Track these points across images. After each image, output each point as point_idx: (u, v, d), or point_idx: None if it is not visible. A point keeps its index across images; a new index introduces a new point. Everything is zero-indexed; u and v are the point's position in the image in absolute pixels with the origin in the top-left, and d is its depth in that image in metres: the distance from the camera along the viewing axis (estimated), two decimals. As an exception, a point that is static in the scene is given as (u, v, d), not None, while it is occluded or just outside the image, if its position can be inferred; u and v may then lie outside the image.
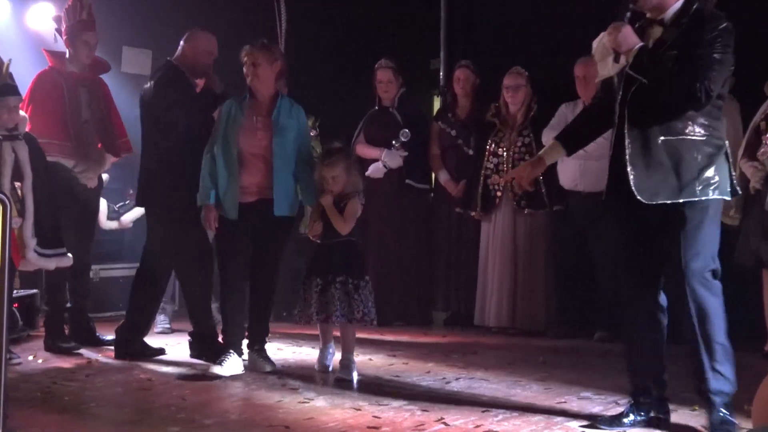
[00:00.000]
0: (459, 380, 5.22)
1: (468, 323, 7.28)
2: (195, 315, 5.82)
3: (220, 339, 5.63)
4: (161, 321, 6.99)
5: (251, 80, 5.42)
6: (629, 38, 4.03)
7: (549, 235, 7.09)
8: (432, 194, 7.66)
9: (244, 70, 5.44)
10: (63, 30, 6.18)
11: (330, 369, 5.40)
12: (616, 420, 4.20)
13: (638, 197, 4.03)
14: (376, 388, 4.98)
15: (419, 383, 5.15)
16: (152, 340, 6.46)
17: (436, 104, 8.60)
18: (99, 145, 6.28)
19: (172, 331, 6.94)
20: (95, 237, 6.66)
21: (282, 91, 5.65)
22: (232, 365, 5.27)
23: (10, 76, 5.56)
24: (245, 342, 5.50)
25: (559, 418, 4.32)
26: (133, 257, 7.77)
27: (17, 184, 5.36)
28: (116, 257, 7.93)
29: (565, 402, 4.67)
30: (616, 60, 4.08)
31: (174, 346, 6.31)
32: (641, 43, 4.03)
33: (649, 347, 4.33)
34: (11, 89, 5.54)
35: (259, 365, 5.40)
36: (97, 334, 6.39)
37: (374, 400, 4.60)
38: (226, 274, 5.51)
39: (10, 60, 5.57)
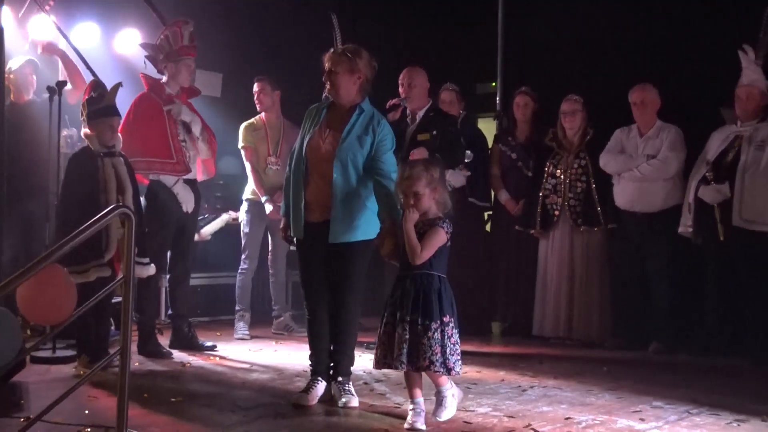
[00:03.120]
0: (534, 388, 5.23)
1: (526, 334, 7.30)
2: None
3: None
4: (241, 328, 7.05)
5: (327, 89, 4.84)
6: None
7: (604, 251, 7.10)
8: (492, 212, 7.68)
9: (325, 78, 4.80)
10: (163, 56, 6.25)
11: (423, 429, 4.20)
12: None
13: None
14: None
15: (497, 391, 5.15)
16: (231, 347, 6.57)
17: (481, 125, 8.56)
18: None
19: (250, 337, 7.00)
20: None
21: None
22: (316, 393, 4.74)
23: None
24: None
25: (640, 426, 4.33)
26: (210, 268, 7.93)
27: (119, 196, 5.46)
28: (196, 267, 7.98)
29: (640, 411, 4.65)
30: None
31: (256, 352, 6.40)
32: None
33: None
34: (115, 110, 5.65)
35: (337, 397, 4.71)
36: (199, 339, 6.48)
37: (460, 406, 4.60)
38: (305, 295, 4.93)
39: (120, 83, 5.67)
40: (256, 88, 7.29)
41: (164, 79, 6.30)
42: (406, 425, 4.24)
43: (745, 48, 6.30)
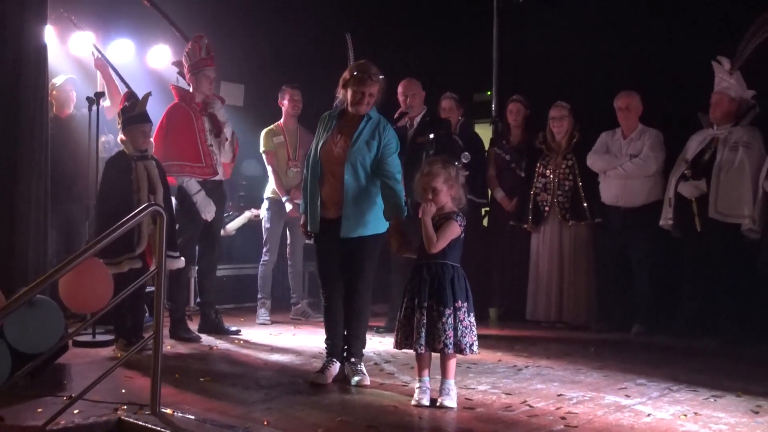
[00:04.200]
0: (528, 368, 5.17)
1: (520, 318, 7.23)
2: None
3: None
4: (262, 314, 7.01)
5: (360, 109, 4.66)
6: None
7: (591, 243, 7.03)
8: (489, 209, 7.61)
9: (352, 96, 4.65)
10: (186, 69, 6.22)
11: (427, 404, 4.18)
12: None
13: None
14: (458, 373, 4.83)
15: (495, 370, 5.10)
16: (254, 331, 6.52)
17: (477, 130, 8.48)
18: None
19: (271, 323, 6.95)
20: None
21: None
22: (331, 372, 4.70)
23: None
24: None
25: (626, 402, 4.27)
26: (234, 260, 7.90)
27: (150, 196, 5.42)
28: (222, 259, 7.94)
29: (625, 388, 4.60)
30: None
31: (276, 336, 6.35)
32: None
33: None
34: (146, 117, 5.61)
35: (350, 377, 4.66)
36: (225, 325, 6.42)
37: (461, 384, 4.55)
38: (321, 284, 4.87)
39: (149, 93, 5.63)
40: (287, 94, 7.21)
41: (191, 89, 6.25)
42: (413, 401, 4.21)
43: (720, 59, 6.25)
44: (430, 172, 4.27)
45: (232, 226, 7.67)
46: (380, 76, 4.73)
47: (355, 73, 4.68)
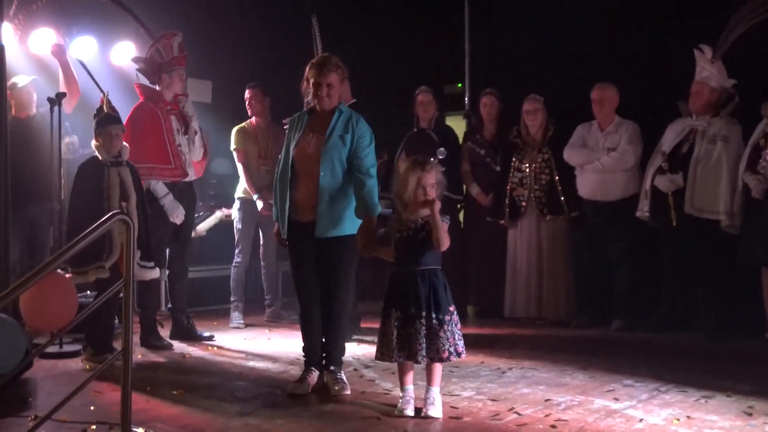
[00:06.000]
0: (512, 370, 4.99)
1: (498, 315, 7.06)
2: None
3: None
4: (236, 318, 6.78)
5: (322, 101, 4.47)
6: None
7: (568, 237, 6.89)
8: (464, 204, 7.43)
9: (312, 89, 4.47)
10: (156, 67, 5.94)
11: (412, 414, 3.98)
12: None
13: None
14: (441, 378, 4.64)
15: (478, 374, 4.91)
16: (228, 336, 6.29)
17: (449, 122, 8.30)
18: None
19: (245, 326, 6.72)
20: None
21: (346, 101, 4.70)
22: (310, 382, 4.50)
23: (112, 107, 5.37)
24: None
25: (616, 406, 4.10)
26: (205, 261, 7.66)
27: (123, 203, 5.18)
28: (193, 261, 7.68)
29: (613, 390, 4.43)
30: None
31: (251, 341, 6.13)
32: None
33: None
34: (112, 119, 5.35)
35: (330, 386, 4.43)
36: (198, 330, 6.19)
37: (445, 390, 4.35)
38: (297, 290, 4.64)
39: (107, 92, 5.37)
40: (247, 94, 6.99)
41: (158, 88, 5.98)
42: (396, 411, 4.00)
43: (702, 47, 6.09)
44: (430, 169, 4.01)
45: (203, 226, 7.42)
46: (339, 67, 4.51)
47: (313, 65, 4.51)
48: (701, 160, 6.02)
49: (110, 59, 7.46)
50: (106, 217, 3.66)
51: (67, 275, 4.96)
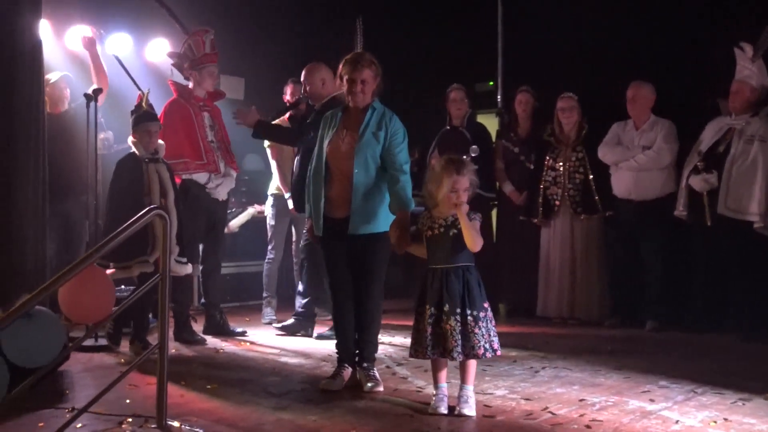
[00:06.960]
0: (545, 369, 4.96)
1: (530, 314, 7.03)
2: None
3: None
4: (268, 313, 6.80)
5: (356, 97, 4.46)
6: None
7: (602, 237, 6.84)
8: (497, 203, 7.39)
9: (347, 86, 4.48)
10: (188, 63, 5.98)
11: (445, 412, 3.96)
12: None
13: None
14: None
15: (511, 372, 4.88)
16: (260, 331, 6.32)
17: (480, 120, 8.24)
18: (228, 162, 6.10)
19: (278, 321, 6.72)
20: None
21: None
22: (343, 378, 4.52)
23: (150, 105, 5.41)
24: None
25: (651, 407, 4.05)
26: (238, 257, 7.68)
27: (162, 200, 5.23)
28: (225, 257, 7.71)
29: (648, 391, 4.38)
30: None
31: (283, 337, 6.14)
32: None
33: None
34: (150, 116, 5.40)
35: (363, 383, 4.45)
36: (230, 326, 6.21)
37: (478, 388, 4.33)
38: (330, 287, 4.73)
39: (149, 90, 5.41)
40: (289, 89, 6.99)
41: (191, 85, 6.02)
42: (430, 409, 3.99)
43: (743, 45, 6.00)
44: (466, 173, 3.98)
45: (236, 223, 7.47)
46: (373, 64, 4.51)
47: (347, 61, 4.50)
48: (737, 160, 5.94)
49: (145, 56, 7.54)
50: (144, 211, 3.69)
51: (110, 270, 5.03)
